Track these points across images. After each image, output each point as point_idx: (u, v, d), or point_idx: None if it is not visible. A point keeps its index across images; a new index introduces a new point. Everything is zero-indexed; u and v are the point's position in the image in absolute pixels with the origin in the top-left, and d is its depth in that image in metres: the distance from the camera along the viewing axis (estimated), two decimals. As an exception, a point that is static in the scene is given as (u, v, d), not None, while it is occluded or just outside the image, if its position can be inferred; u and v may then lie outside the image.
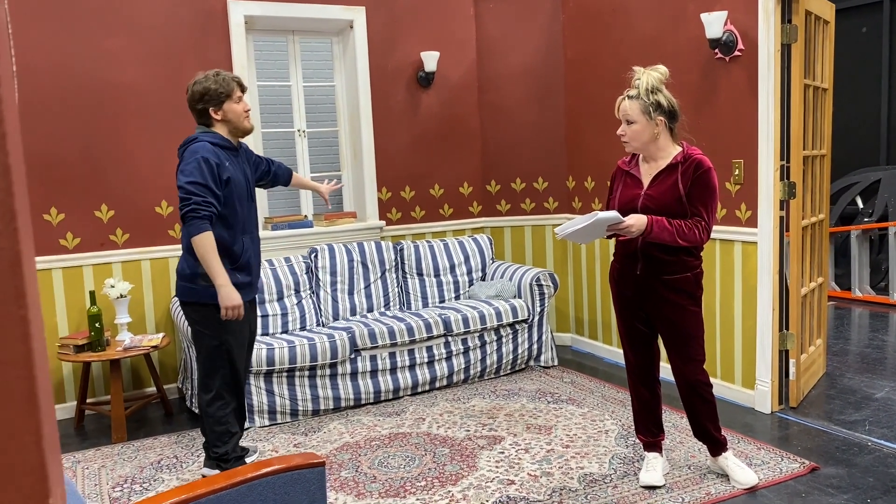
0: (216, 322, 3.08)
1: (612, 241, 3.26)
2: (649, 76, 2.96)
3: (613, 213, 2.83)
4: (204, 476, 3.20)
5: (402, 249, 4.99)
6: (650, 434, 3.26)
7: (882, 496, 2.99)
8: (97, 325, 3.99)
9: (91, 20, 4.27)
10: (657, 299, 3.02)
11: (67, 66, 4.23)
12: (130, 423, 4.18)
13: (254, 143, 4.79)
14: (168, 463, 3.60)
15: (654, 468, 3.20)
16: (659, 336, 3.18)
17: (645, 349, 3.18)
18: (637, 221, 2.84)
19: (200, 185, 2.98)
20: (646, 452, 3.28)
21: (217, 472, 3.18)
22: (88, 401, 4.30)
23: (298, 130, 5.09)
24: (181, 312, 4.10)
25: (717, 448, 3.20)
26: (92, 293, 4.06)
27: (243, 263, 3.18)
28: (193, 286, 3.10)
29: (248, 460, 3.36)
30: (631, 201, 2.99)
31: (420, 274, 4.97)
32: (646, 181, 3.01)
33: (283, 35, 5.08)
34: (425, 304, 4.93)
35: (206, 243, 2.96)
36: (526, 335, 4.81)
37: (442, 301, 4.97)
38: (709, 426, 3.16)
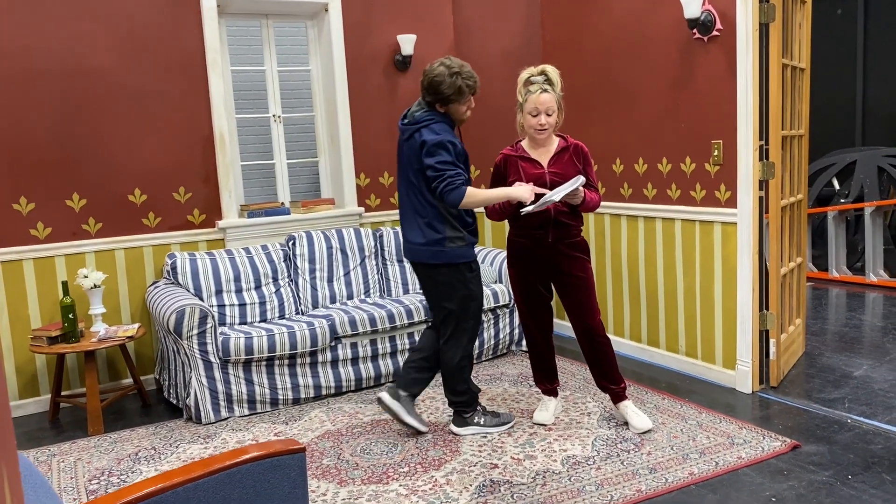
0: (465, 278, 3.45)
1: (503, 224, 3.69)
2: (556, 72, 3.41)
3: (583, 178, 3.31)
4: (453, 433, 3.61)
5: (381, 236, 4.93)
6: (548, 382, 3.76)
7: (863, 472, 3.01)
8: (70, 315, 3.91)
9: (61, 4, 4.16)
10: (567, 259, 3.48)
11: (36, 50, 4.12)
12: (107, 415, 4.11)
13: (228, 128, 4.72)
14: (146, 455, 3.54)
15: (546, 408, 3.71)
16: (559, 297, 3.62)
17: (546, 311, 3.66)
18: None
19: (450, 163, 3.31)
20: (544, 396, 3.80)
21: (470, 429, 3.57)
22: (63, 393, 4.21)
23: (274, 116, 5.01)
24: (153, 299, 4.03)
25: (618, 397, 3.61)
26: (65, 283, 3.97)
27: (475, 228, 3.51)
28: (442, 249, 3.38)
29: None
30: (539, 178, 3.42)
31: (400, 260, 4.93)
32: (544, 162, 3.46)
33: (256, 19, 4.99)
34: (406, 291, 4.88)
35: (472, 193, 3.27)
36: (507, 320, 4.78)
37: (422, 287, 4.93)
38: (611, 374, 3.57)
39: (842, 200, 6.75)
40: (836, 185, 6.96)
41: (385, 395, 3.56)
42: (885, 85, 7.36)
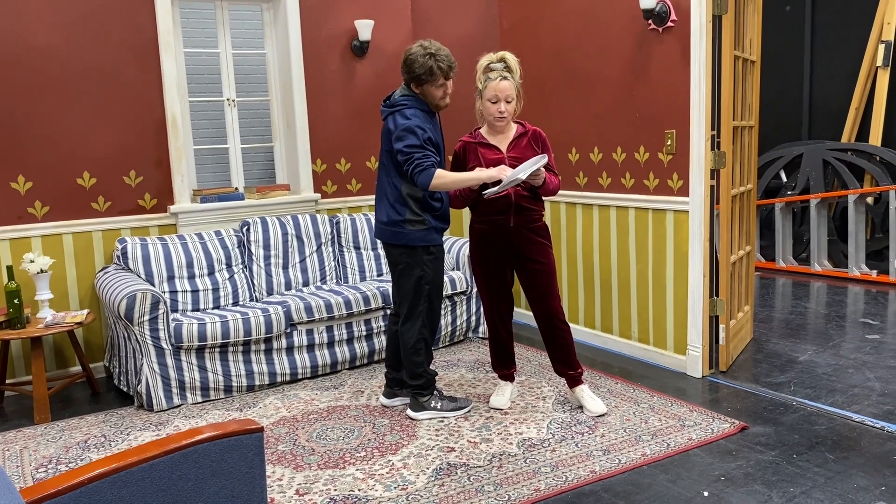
0: (420, 261, 3.49)
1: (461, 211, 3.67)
2: (515, 59, 3.42)
3: (545, 157, 3.30)
4: (410, 418, 3.60)
5: (338, 223, 4.90)
6: (505, 368, 3.79)
7: (807, 451, 3.11)
8: (16, 301, 3.79)
9: (2, -21, 4.01)
10: (529, 244, 3.50)
11: (-23, 27, 3.98)
12: (54, 403, 4.01)
13: (181, 111, 4.62)
14: (95, 442, 3.46)
15: (502, 394, 3.74)
16: (521, 283, 3.62)
17: (507, 297, 3.66)
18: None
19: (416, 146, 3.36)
20: (500, 381, 3.82)
21: (426, 414, 3.58)
22: (8, 381, 4.10)
23: (228, 100, 4.93)
24: (103, 285, 3.94)
25: (574, 381, 3.66)
26: (10, 268, 3.85)
27: (443, 213, 3.55)
28: (402, 230, 3.46)
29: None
30: (498, 163, 3.43)
31: (357, 247, 4.90)
32: (503, 148, 3.48)
33: (210, 0, 4.89)
34: (363, 278, 4.86)
35: (443, 175, 3.30)
36: (464, 307, 4.80)
37: (380, 274, 4.92)
38: (569, 359, 3.62)
39: (788, 192, 6.94)
40: (784, 178, 7.14)
41: (384, 399, 3.82)
42: (830, 81, 7.57)
